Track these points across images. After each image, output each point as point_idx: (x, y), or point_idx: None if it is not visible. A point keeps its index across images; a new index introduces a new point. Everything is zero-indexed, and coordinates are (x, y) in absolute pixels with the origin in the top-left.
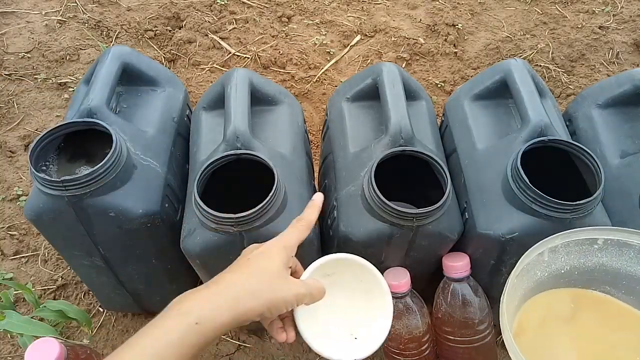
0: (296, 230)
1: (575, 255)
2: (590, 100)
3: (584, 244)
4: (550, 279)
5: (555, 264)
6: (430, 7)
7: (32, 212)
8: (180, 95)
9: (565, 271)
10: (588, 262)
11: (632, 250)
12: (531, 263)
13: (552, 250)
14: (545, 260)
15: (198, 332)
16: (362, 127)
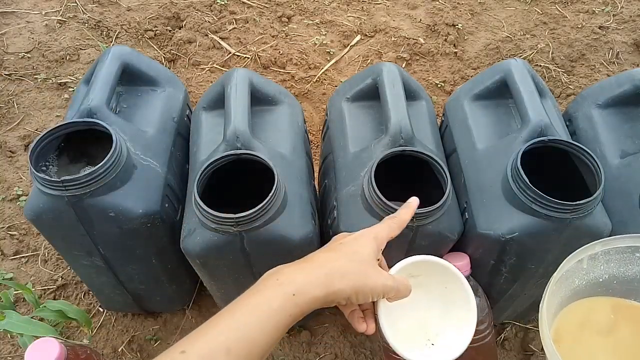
0: (387, 226)
1: (615, 263)
2: (590, 100)
3: (625, 252)
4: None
5: (594, 272)
6: (430, 7)
7: (32, 212)
8: (180, 95)
9: (604, 280)
10: (628, 272)
11: None
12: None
13: (592, 258)
14: (584, 267)
15: (295, 302)
16: (362, 127)
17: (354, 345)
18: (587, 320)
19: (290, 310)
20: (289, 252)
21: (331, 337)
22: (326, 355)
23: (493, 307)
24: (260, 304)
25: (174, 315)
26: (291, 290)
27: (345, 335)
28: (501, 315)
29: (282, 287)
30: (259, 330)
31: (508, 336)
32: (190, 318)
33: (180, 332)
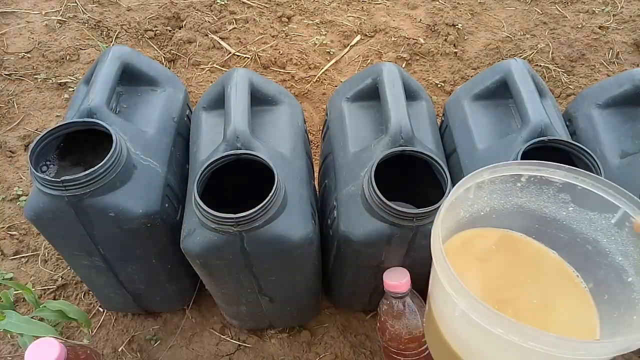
0: None
1: (497, 194)
2: (590, 100)
3: (509, 181)
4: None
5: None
6: (430, 7)
7: (32, 212)
8: (180, 95)
9: (485, 213)
10: (507, 204)
11: (551, 189)
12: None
13: (479, 187)
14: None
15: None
16: (362, 127)
17: (354, 345)
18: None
19: None
20: (289, 252)
21: (331, 337)
22: (326, 355)
23: None
24: None
25: (174, 315)
26: None
27: (345, 335)
28: None
29: None
30: None
31: None
32: (190, 318)
33: (180, 332)
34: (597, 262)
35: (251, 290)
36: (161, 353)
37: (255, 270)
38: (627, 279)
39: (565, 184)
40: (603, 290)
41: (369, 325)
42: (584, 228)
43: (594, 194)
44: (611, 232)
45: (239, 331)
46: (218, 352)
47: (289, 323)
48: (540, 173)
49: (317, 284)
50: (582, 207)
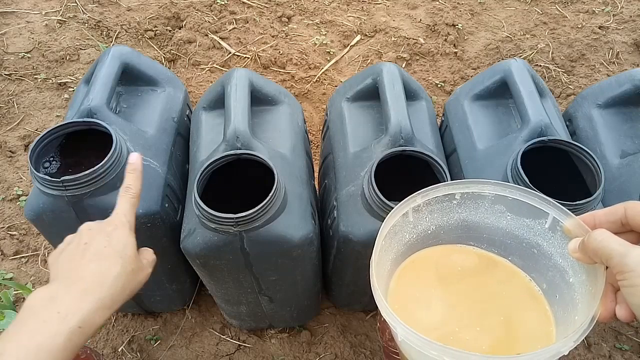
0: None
1: (438, 213)
2: (590, 100)
3: (444, 200)
4: (419, 240)
5: (421, 224)
6: (430, 7)
7: (32, 212)
8: (180, 95)
9: (432, 231)
10: (451, 220)
11: (486, 202)
12: (398, 225)
13: (416, 210)
14: (411, 221)
15: (82, 333)
16: (362, 127)
17: (354, 345)
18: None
19: (77, 341)
20: (289, 252)
21: (331, 337)
22: (326, 355)
23: None
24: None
25: (174, 315)
26: (76, 322)
27: (345, 335)
28: None
29: (65, 320)
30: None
31: None
32: (190, 318)
33: (180, 332)
34: (544, 264)
35: (251, 290)
36: (161, 353)
37: (255, 270)
38: (568, 279)
39: (497, 196)
40: (554, 290)
41: (369, 325)
42: (525, 234)
43: (524, 203)
44: (548, 236)
45: (239, 331)
46: (218, 352)
47: (289, 323)
48: (470, 189)
49: (317, 284)
50: (518, 215)
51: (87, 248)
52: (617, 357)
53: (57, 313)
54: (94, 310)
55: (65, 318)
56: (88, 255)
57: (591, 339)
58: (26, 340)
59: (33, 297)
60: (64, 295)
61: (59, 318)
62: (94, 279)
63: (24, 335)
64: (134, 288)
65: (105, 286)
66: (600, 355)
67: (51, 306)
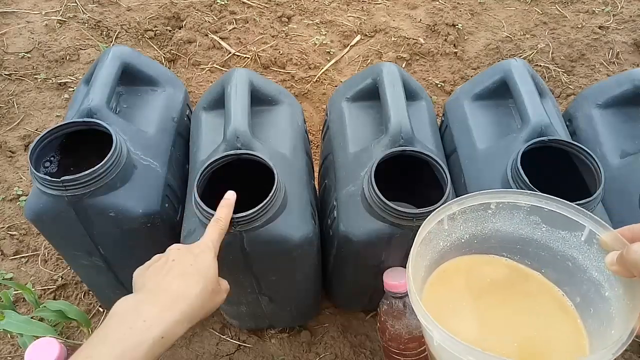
0: (217, 234)
1: (472, 222)
2: (590, 100)
3: (479, 209)
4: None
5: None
6: (430, 7)
7: (32, 212)
8: (180, 95)
9: (465, 240)
10: (485, 229)
11: (521, 212)
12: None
13: (451, 218)
14: (445, 228)
15: (163, 344)
16: (362, 127)
17: (354, 345)
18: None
19: (158, 351)
20: (289, 252)
21: (331, 337)
22: (326, 355)
23: None
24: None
25: None
26: (159, 333)
27: (345, 335)
28: None
29: (150, 331)
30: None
31: None
32: None
33: None
34: (579, 278)
35: (251, 290)
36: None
37: (255, 270)
38: (604, 293)
39: (532, 207)
40: (588, 304)
41: (369, 325)
42: (560, 246)
43: (560, 214)
44: (583, 249)
45: (239, 331)
46: (218, 352)
47: (289, 323)
48: (506, 199)
49: (317, 284)
50: (553, 227)
51: (173, 265)
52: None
53: (143, 322)
54: (176, 322)
55: (150, 327)
56: (174, 272)
57: None
58: (111, 346)
59: (120, 305)
60: (149, 305)
61: (143, 327)
62: (178, 294)
63: (109, 341)
64: (211, 308)
65: (188, 301)
66: None
67: (137, 314)
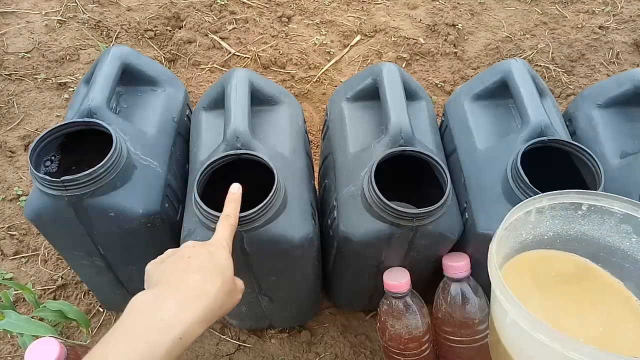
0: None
1: (559, 220)
2: (590, 100)
3: (569, 208)
4: (534, 242)
5: (540, 227)
6: (430, 7)
7: (32, 212)
8: (180, 95)
9: (548, 237)
10: (570, 230)
11: (612, 219)
12: (519, 220)
13: (539, 211)
14: (531, 220)
15: (182, 345)
16: (362, 127)
17: (354, 345)
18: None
19: (176, 352)
20: (289, 252)
21: (331, 337)
22: (326, 355)
23: None
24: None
25: None
26: (178, 333)
27: (345, 335)
28: None
29: (168, 330)
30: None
31: None
32: None
33: None
34: None
35: (251, 290)
36: None
37: (255, 270)
38: None
39: (626, 215)
40: None
41: (369, 325)
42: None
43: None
44: None
45: (239, 331)
46: (218, 352)
47: (289, 323)
48: (599, 203)
49: (317, 283)
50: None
51: (190, 262)
52: None
53: (161, 320)
54: (194, 322)
55: (168, 328)
56: (192, 267)
57: None
58: (128, 346)
59: (137, 300)
60: (167, 302)
61: (162, 327)
62: (197, 291)
63: (127, 340)
64: (228, 308)
65: (207, 299)
66: None
67: (155, 312)
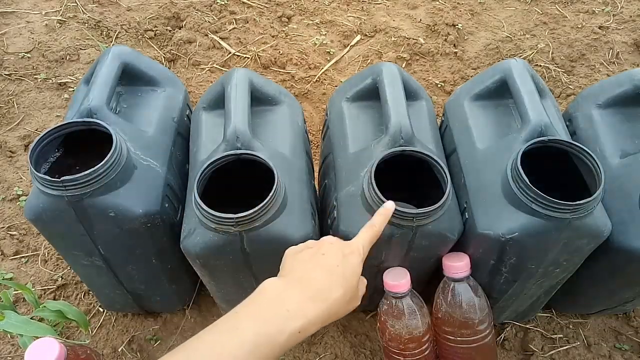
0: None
1: None
2: (590, 100)
3: None
4: None
5: None
6: (430, 7)
7: (32, 212)
8: (180, 95)
9: None
10: None
11: None
12: None
13: None
14: None
15: (297, 339)
16: (362, 127)
17: (354, 345)
18: None
19: (290, 345)
20: None
21: (331, 337)
22: (326, 355)
23: (493, 307)
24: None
25: (174, 315)
26: (298, 326)
27: (345, 335)
28: (501, 315)
29: (291, 321)
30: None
31: (508, 336)
32: (190, 318)
33: (180, 332)
34: None
35: (251, 290)
36: (161, 353)
37: (255, 270)
38: None
39: None
40: None
41: (369, 325)
42: None
43: None
44: None
45: None
46: None
47: None
48: None
49: None
50: None
51: (322, 260)
52: (617, 357)
53: (287, 311)
54: (312, 320)
55: (291, 319)
56: (321, 267)
57: (591, 339)
58: (256, 324)
59: (269, 286)
60: (295, 294)
61: (286, 316)
62: (319, 294)
63: (256, 319)
64: (343, 315)
65: (326, 303)
66: (600, 355)
67: (282, 301)
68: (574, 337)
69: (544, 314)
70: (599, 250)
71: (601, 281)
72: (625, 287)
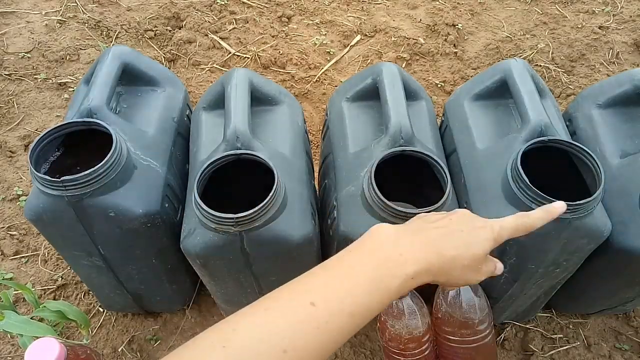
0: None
1: None
2: (590, 100)
3: None
4: None
5: None
6: (430, 7)
7: (32, 212)
8: (180, 95)
9: None
10: None
11: None
12: None
13: None
14: None
15: (409, 285)
16: (362, 127)
17: (354, 345)
18: None
19: (406, 290)
20: (289, 252)
21: None
22: None
23: (493, 307)
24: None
25: (174, 315)
26: (412, 272)
27: None
28: (501, 315)
29: (404, 266)
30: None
31: (508, 336)
32: (190, 318)
33: (180, 332)
34: None
35: (251, 290)
36: (161, 353)
37: (255, 270)
38: None
39: None
40: None
41: (369, 325)
42: None
43: None
44: None
45: None
46: None
47: None
48: None
49: None
50: None
51: (447, 223)
52: (617, 357)
53: (400, 255)
54: (424, 268)
55: (405, 263)
56: (442, 228)
57: (591, 338)
58: (370, 270)
59: (379, 230)
60: (406, 242)
61: (399, 261)
62: (432, 242)
63: (369, 263)
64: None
65: (440, 258)
66: (600, 355)
67: (394, 246)
68: (574, 337)
69: (544, 314)
70: (599, 250)
71: (601, 281)
72: (625, 287)
